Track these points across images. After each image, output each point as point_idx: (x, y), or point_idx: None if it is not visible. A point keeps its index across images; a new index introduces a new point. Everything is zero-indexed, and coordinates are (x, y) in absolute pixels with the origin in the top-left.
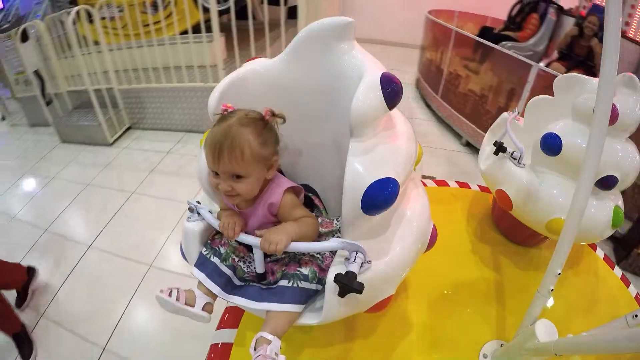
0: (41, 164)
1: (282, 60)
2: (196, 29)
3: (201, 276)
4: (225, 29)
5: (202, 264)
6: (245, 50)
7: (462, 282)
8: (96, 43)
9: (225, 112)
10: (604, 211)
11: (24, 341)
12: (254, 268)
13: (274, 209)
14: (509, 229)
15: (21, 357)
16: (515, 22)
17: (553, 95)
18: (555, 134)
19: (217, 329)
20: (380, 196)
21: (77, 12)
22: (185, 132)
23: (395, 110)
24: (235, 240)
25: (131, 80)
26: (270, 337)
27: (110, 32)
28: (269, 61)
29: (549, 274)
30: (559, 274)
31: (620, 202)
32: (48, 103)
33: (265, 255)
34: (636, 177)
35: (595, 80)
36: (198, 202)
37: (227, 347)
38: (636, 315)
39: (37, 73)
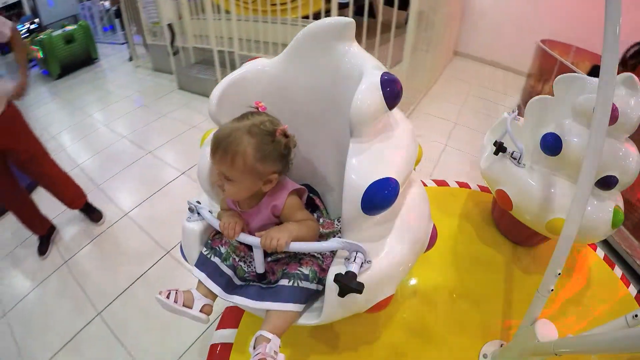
0: (157, 102)
1: (282, 60)
2: (317, 17)
3: (202, 276)
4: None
5: (203, 264)
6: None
7: (462, 282)
8: (227, 12)
9: (254, 110)
10: (604, 211)
11: (92, 209)
12: (255, 268)
13: (277, 211)
14: (509, 229)
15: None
16: (627, 64)
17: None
18: (555, 134)
19: (217, 329)
20: (381, 196)
21: None
22: None
23: (395, 110)
24: (235, 240)
25: (251, 49)
26: (269, 335)
27: (241, 5)
28: (269, 61)
29: (549, 274)
30: (559, 274)
31: (620, 202)
32: (174, 53)
33: (266, 255)
34: (636, 177)
35: (595, 80)
36: (198, 202)
37: (227, 347)
38: (636, 315)
39: (169, 26)
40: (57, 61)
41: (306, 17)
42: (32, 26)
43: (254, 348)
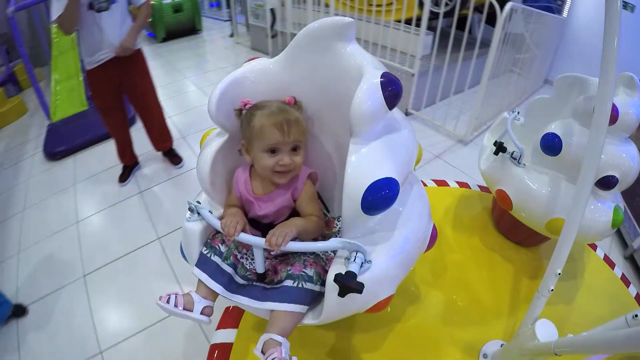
0: None
1: (282, 60)
2: (409, 22)
3: (203, 276)
4: (442, 31)
5: (204, 263)
6: (444, 55)
7: (462, 282)
8: (326, 5)
9: (247, 106)
10: (604, 211)
11: (174, 154)
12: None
13: (297, 193)
14: (509, 229)
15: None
16: None
17: None
18: (555, 134)
19: (217, 329)
20: (381, 196)
21: None
22: None
23: (395, 110)
24: (234, 241)
25: None
26: (279, 339)
27: (340, 1)
28: (269, 61)
29: (549, 274)
30: (559, 274)
31: (621, 202)
32: (273, 36)
33: (270, 253)
34: (636, 177)
35: (595, 80)
36: (198, 202)
37: (227, 347)
38: (636, 315)
39: (272, 11)
40: (163, 26)
41: (399, 21)
42: None
43: (262, 352)
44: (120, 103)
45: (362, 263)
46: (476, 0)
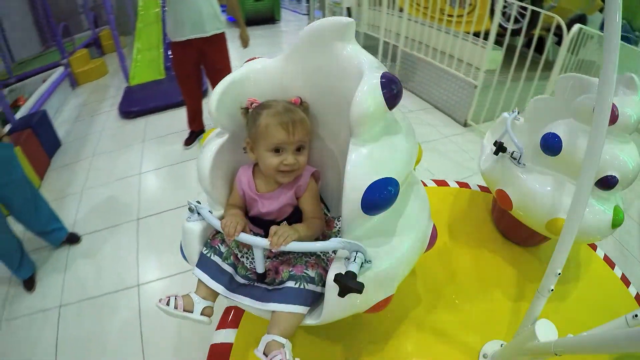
0: None
1: (282, 60)
2: (477, 34)
3: (203, 276)
4: (509, 48)
5: (204, 263)
6: (517, 72)
7: (462, 282)
8: (400, 10)
9: (253, 105)
10: (604, 211)
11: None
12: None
13: (300, 192)
14: (509, 229)
15: None
16: None
17: None
18: (555, 134)
19: (217, 329)
20: (381, 196)
21: None
22: (434, 107)
23: (395, 110)
24: (235, 240)
25: (413, 48)
26: (282, 340)
27: (414, 7)
28: (270, 61)
29: (549, 274)
30: (559, 274)
31: (620, 202)
32: None
33: (273, 254)
34: (636, 177)
35: (595, 80)
36: (198, 202)
37: (227, 347)
38: (636, 315)
39: (348, 10)
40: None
41: (468, 32)
42: None
43: (265, 354)
44: (198, 74)
45: (362, 263)
46: (545, 19)
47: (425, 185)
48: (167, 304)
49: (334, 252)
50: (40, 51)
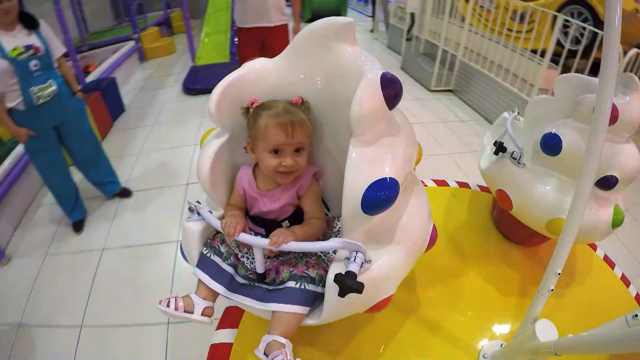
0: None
1: (282, 60)
2: (541, 53)
3: (204, 277)
4: (566, 69)
5: (204, 263)
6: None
7: (462, 282)
8: (462, 19)
9: (254, 104)
10: (604, 211)
11: None
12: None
13: (302, 191)
14: (509, 229)
15: None
16: None
17: None
18: (555, 134)
19: (217, 329)
20: (380, 196)
21: None
22: (485, 119)
23: (395, 110)
24: (235, 240)
25: (471, 59)
26: (283, 340)
27: (476, 18)
28: (270, 61)
29: (549, 274)
30: (559, 273)
31: (621, 202)
32: (408, 39)
33: (273, 255)
34: (636, 177)
35: (595, 80)
36: (198, 202)
37: (227, 347)
38: (636, 315)
39: (412, 15)
40: (310, 8)
41: (526, 48)
42: None
43: (265, 354)
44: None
45: (362, 263)
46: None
47: (425, 185)
48: (168, 305)
49: (334, 252)
50: (112, 25)
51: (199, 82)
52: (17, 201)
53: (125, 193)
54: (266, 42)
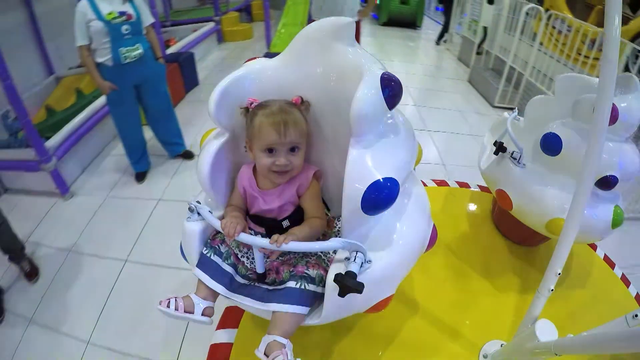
0: (446, 79)
1: (281, 60)
2: None
3: (204, 277)
4: None
5: (204, 264)
6: None
7: (462, 282)
8: (533, 39)
9: (253, 104)
10: (604, 211)
11: None
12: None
13: (302, 190)
14: (509, 229)
15: None
16: None
17: None
18: (555, 134)
19: (217, 329)
20: (381, 196)
21: (534, 10)
22: None
23: (395, 110)
24: (235, 240)
25: (537, 80)
26: (283, 340)
27: (548, 38)
28: (269, 61)
29: (549, 274)
30: (559, 273)
31: (620, 202)
32: (478, 53)
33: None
34: (636, 177)
35: (595, 80)
36: (198, 202)
37: (227, 347)
38: (636, 315)
39: (485, 29)
40: (387, 12)
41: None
42: None
43: (266, 354)
44: None
45: (362, 263)
46: None
47: (425, 185)
48: (168, 305)
49: (334, 252)
50: (195, 6)
51: None
52: (89, 148)
53: (188, 155)
54: None
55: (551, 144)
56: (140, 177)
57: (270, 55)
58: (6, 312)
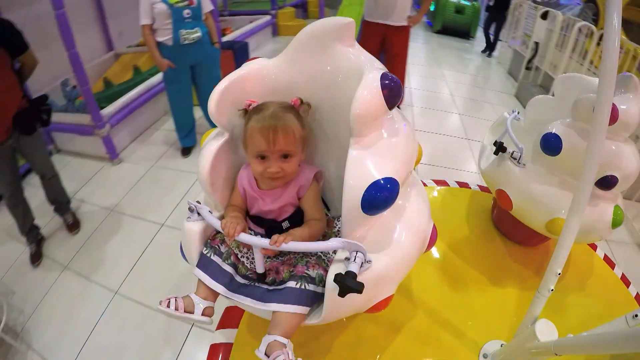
0: (493, 91)
1: (282, 60)
2: None
3: (204, 277)
4: None
5: (204, 263)
6: None
7: (462, 282)
8: (583, 57)
9: (251, 106)
10: (604, 211)
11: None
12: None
13: (302, 192)
14: (509, 229)
15: None
16: None
17: None
18: (555, 134)
19: (217, 329)
20: (381, 196)
21: (586, 28)
22: None
23: (395, 110)
24: (235, 240)
25: None
26: (284, 340)
27: (599, 58)
28: (269, 61)
29: (549, 274)
30: (559, 273)
31: (620, 202)
32: (527, 68)
33: (273, 255)
34: (636, 177)
35: (595, 80)
36: (198, 202)
37: (227, 347)
38: (636, 315)
39: (536, 45)
40: (441, 20)
41: None
42: None
43: (266, 354)
44: (375, 54)
45: (362, 263)
46: None
47: (425, 185)
48: (168, 305)
49: (334, 252)
50: None
51: None
52: (141, 120)
53: None
54: (386, 40)
55: (551, 144)
56: (186, 151)
57: None
58: (44, 257)
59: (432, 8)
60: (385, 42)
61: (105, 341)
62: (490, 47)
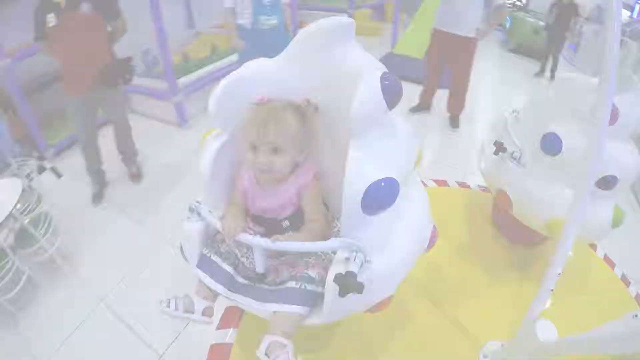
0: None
1: (282, 60)
2: None
3: (204, 277)
4: None
5: (204, 263)
6: None
7: (462, 282)
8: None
9: (262, 102)
10: (604, 211)
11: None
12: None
13: (302, 191)
14: (509, 229)
15: None
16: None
17: None
18: (555, 134)
19: (217, 329)
20: (381, 196)
21: None
22: None
23: (395, 110)
24: (235, 240)
25: None
26: (285, 341)
27: None
28: (270, 61)
29: (549, 274)
30: (559, 273)
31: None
32: None
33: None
34: (636, 177)
35: (595, 80)
36: (198, 202)
37: (227, 347)
38: (636, 315)
39: None
40: (517, 39)
41: None
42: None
43: (267, 354)
44: (440, 63)
45: (362, 263)
46: None
47: (425, 185)
48: (168, 305)
49: (334, 252)
50: None
51: (389, 66)
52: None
53: None
54: (449, 50)
55: (551, 144)
56: None
57: (391, 55)
58: (104, 200)
59: (507, 24)
60: (449, 55)
61: (143, 282)
62: (550, 68)
